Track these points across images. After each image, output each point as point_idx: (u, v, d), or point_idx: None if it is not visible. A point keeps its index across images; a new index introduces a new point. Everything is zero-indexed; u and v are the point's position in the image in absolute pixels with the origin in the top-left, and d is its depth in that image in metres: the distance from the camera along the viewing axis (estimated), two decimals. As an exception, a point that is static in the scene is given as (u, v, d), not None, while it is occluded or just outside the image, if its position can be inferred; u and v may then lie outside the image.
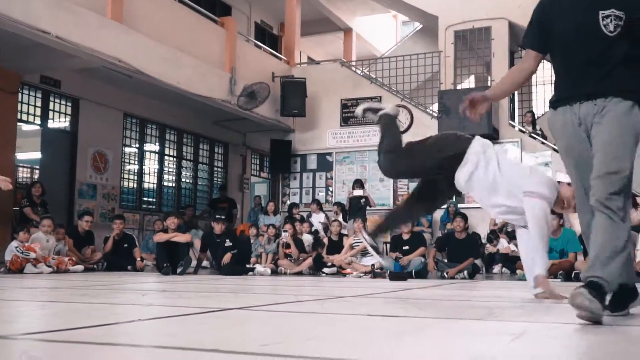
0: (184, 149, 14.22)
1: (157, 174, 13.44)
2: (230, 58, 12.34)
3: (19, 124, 10.37)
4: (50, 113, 11.01)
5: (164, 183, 13.64)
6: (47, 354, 1.69)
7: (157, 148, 13.42)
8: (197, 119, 13.71)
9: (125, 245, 9.64)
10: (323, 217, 11.98)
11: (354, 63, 15.50)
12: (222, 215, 9.41)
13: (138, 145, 12.89)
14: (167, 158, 13.71)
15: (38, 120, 10.82)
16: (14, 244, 8.01)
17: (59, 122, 11.21)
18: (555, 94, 2.79)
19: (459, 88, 12.95)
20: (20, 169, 12.79)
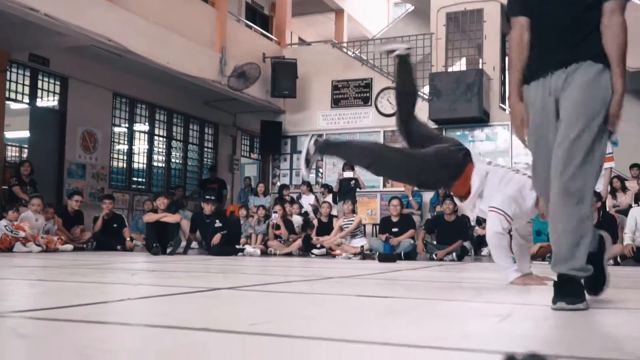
0: (174, 129, 14.14)
1: (146, 154, 13.37)
2: (221, 38, 12.25)
3: (7, 103, 10.26)
4: (39, 92, 10.89)
5: (154, 163, 13.58)
6: (36, 332, 1.68)
7: (146, 128, 13.33)
8: (187, 99, 13.62)
9: (115, 225, 9.61)
10: (313, 198, 11.99)
11: (345, 44, 15.42)
12: (212, 196, 9.39)
13: (127, 125, 12.80)
14: (156, 138, 13.63)
15: (27, 99, 10.71)
16: (3, 223, 7.97)
17: (48, 100, 11.10)
18: (528, 69, 2.63)
19: (451, 70, 12.93)
20: (9, 148, 12.71)
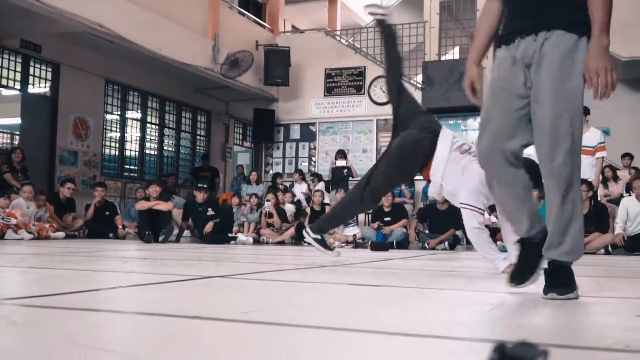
0: (166, 117, 14.08)
1: (139, 142, 13.32)
2: (214, 25, 12.18)
3: (-1, 89, 10.20)
4: (31, 78, 10.81)
5: (146, 151, 13.53)
6: (27, 319, 1.68)
7: (139, 115, 13.27)
8: (179, 87, 13.55)
9: (107, 213, 9.59)
10: (305, 187, 12.00)
11: (339, 32, 15.37)
12: (204, 184, 9.38)
13: (120, 113, 12.74)
14: (149, 126, 13.57)
15: (18, 85, 10.63)
16: (-6, 210, 7.94)
17: (40, 87, 11.02)
18: (500, 34, 2.47)
19: (444, 59, 12.92)
20: (0, 135, 12.62)
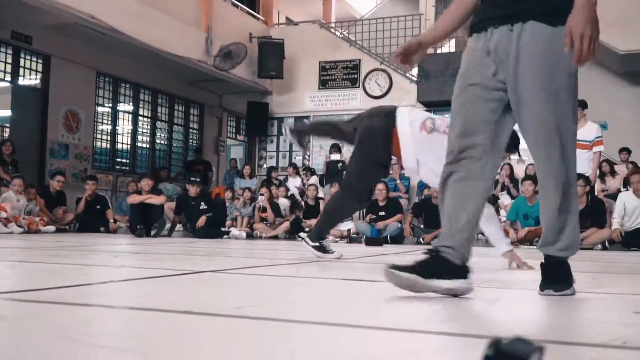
0: (159, 110, 14.04)
1: (131, 135, 13.28)
2: (207, 17, 12.14)
3: (-12, 81, 10.14)
4: (21, 70, 10.76)
5: (138, 144, 13.50)
6: (16, 313, 1.66)
7: (131, 108, 13.23)
8: (172, 79, 13.51)
9: (98, 207, 9.57)
10: (299, 181, 11.99)
11: (334, 25, 15.34)
12: (197, 178, 9.37)
13: (111, 105, 12.70)
14: (141, 118, 13.54)
15: (8, 77, 10.57)
16: (-16, 204, 7.91)
17: (30, 79, 10.97)
18: (472, 20, 2.32)
19: (440, 52, 12.91)
20: (-10, 127, 12.55)
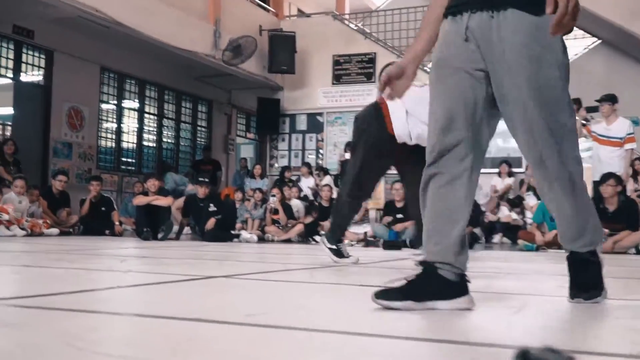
0: (165, 107, 14.10)
1: (136, 133, 13.35)
2: (215, 9, 12.17)
3: (-10, 77, 10.23)
4: (23, 66, 10.85)
5: (144, 143, 13.56)
6: (22, 320, 1.68)
7: (136, 105, 13.30)
8: (179, 75, 13.56)
9: (103, 209, 9.62)
10: (313, 181, 11.98)
11: (347, 16, 15.33)
12: (205, 178, 9.39)
13: (116, 102, 12.77)
14: (147, 116, 13.60)
15: (10, 74, 10.67)
16: (-15, 205, 7.98)
17: (32, 75, 11.06)
18: (448, 4, 2.21)
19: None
20: (-8, 126, 12.66)
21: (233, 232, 9.15)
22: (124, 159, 13.09)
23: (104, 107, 12.50)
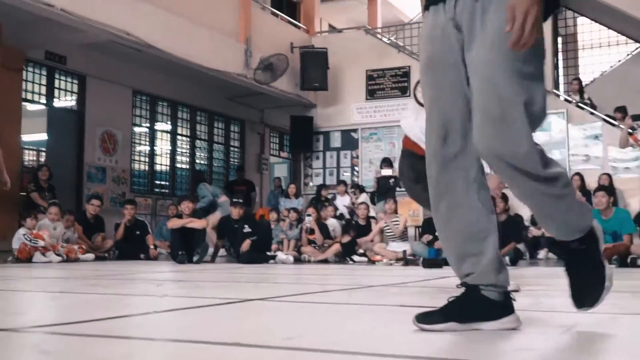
0: (198, 128, 14.25)
1: (169, 155, 13.51)
2: (245, 28, 12.30)
3: (24, 104, 10.45)
4: (56, 91, 11.09)
5: (177, 165, 13.71)
6: (58, 348, 1.70)
7: (169, 127, 13.47)
8: (211, 95, 13.71)
9: (138, 232, 9.73)
10: (348, 200, 11.94)
11: (380, 30, 15.36)
12: (239, 199, 9.43)
13: (149, 125, 12.95)
14: (179, 138, 13.76)
15: (43, 100, 10.91)
16: (22, 232, 8.12)
17: (65, 100, 11.29)
18: None
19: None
20: (26, 152, 12.95)
21: (269, 253, 9.16)
22: (158, 182, 13.25)
23: (137, 130, 12.69)
